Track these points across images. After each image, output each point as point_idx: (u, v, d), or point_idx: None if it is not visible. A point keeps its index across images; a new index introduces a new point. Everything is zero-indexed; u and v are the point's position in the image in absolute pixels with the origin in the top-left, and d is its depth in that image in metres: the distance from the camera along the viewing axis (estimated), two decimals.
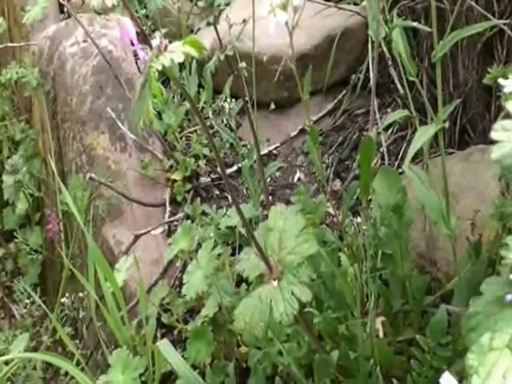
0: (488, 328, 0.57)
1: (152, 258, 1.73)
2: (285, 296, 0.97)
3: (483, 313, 0.58)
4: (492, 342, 0.56)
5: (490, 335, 0.57)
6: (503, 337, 0.56)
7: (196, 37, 0.94)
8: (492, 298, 0.58)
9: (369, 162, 1.15)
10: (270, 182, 1.89)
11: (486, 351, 0.56)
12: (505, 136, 0.45)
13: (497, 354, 0.55)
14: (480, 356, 0.56)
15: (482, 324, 0.58)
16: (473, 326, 0.58)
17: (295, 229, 1.06)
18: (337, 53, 1.99)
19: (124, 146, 1.90)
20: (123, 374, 1.25)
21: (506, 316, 0.56)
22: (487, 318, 0.58)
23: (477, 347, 0.57)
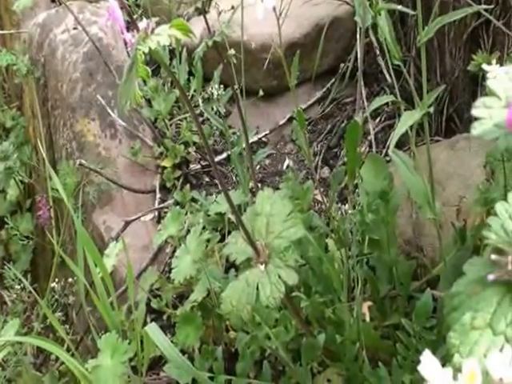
0: (470, 307, 0.57)
1: (142, 244, 1.72)
2: (271, 279, 0.96)
3: (465, 292, 0.58)
4: (474, 321, 0.56)
5: (471, 314, 0.56)
6: (485, 316, 0.55)
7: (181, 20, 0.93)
8: (474, 278, 0.58)
9: (355, 146, 1.15)
10: (260, 170, 1.88)
11: (467, 330, 0.56)
12: (486, 113, 0.45)
13: (478, 332, 0.55)
14: (462, 335, 0.56)
15: (464, 303, 0.57)
16: (455, 305, 0.58)
17: (282, 213, 1.05)
18: (325, 42, 1.98)
19: (114, 133, 1.88)
20: (112, 358, 1.24)
21: (488, 295, 0.56)
22: (469, 298, 0.57)
23: (459, 326, 0.56)
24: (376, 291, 1.33)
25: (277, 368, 1.33)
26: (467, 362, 0.48)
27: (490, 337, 0.54)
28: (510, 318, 0.54)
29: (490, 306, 0.56)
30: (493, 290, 0.56)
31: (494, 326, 0.55)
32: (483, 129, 0.43)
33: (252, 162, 1.32)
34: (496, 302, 0.56)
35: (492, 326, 0.55)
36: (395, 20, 1.88)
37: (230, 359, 1.36)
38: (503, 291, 0.56)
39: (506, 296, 0.55)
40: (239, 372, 1.24)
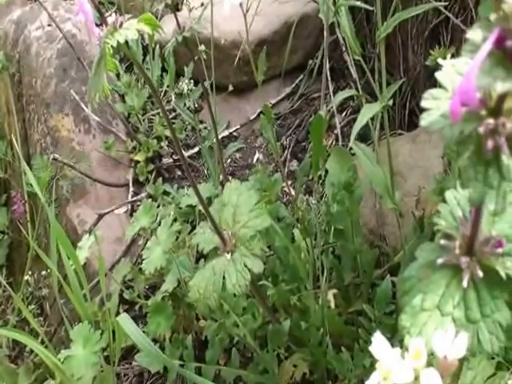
0: (420, 290, 0.57)
1: (115, 237, 1.71)
2: (237, 268, 0.96)
3: (416, 276, 0.58)
4: (423, 303, 0.56)
5: (421, 297, 0.57)
6: (434, 298, 0.56)
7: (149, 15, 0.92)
8: (425, 263, 0.58)
9: (320, 138, 1.15)
10: (231, 163, 1.88)
11: (417, 312, 0.56)
12: (433, 104, 0.45)
13: (427, 314, 0.56)
14: (412, 317, 0.56)
15: (415, 287, 0.58)
16: (407, 289, 0.58)
17: (249, 204, 1.05)
18: (294, 39, 1.98)
19: (88, 128, 1.85)
20: (84, 348, 1.23)
21: (437, 279, 0.57)
22: (420, 281, 0.58)
23: (409, 309, 0.57)
24: (341, 279, 1.34)
25: (246, 355, 1.34)
26: (413, 341, 0.49)
27: (438, 318, 0.55)
28: (457, 300, 0.55)
29: (439, 288, 0.56)
30: (441, 273, 0.57)
31: (442, 308, 0.55)
32: (430, 119, 0.44)
33: (222, 156, 1.32)
34: (444, 285, 0.56)
35: (440, 307, 0.55)
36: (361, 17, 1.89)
37: (201, 347, 1.35)
38: (451, 274, 0.56)
39: (454, 279, 0.56)
40: (208, 359, 1.24)
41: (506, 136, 0.41)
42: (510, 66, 0.37)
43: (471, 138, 0.42)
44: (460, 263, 0.55)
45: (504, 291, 0.54)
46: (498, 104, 0.41)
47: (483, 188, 0.41)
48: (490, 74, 0.37)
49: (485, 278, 0.55)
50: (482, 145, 0.41)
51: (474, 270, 0.55)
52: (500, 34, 0.37)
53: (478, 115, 0.42)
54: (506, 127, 0.41)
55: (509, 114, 0.42)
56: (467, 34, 0.39)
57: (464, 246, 0.56)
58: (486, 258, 0.55)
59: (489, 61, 0.38)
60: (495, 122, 0.41)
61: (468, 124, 0.42)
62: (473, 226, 0.54)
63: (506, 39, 0.37)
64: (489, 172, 0.42)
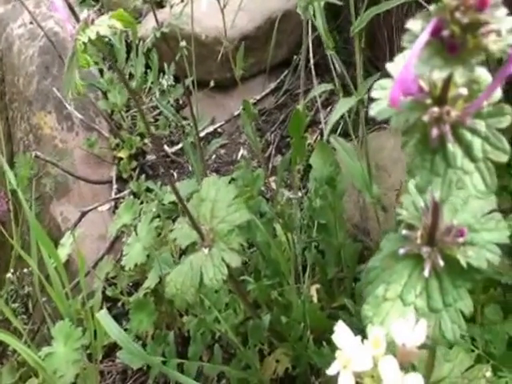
0: (383, 280, 0.58)
1: (99, 234, 1.71)
2: (215, 262, 0.97)
3: (380, 267, 0.59)
4: (386, 293, 0.57)
5: (384, 287, 0.58)
6: (396, 288, 0.57)
7: (121, 11, 0.93)
8: (388, 253, 0.59)
9: (299, 131, 1.16)
10: (215, 159, 1.88)
11: (380, 302, 0.57)
12: (382, 94, 0.46)
13: (390, 304, 0.57)
14: (375, 307, 0.57)
15: (378, 277, 0.59)
16: (371, 279, 0.59)
17: (227, 198, 1.06)
18: (278, 34, 1.98)
19: (71, 125, 1.86)
20: (65, 346, 1.23)
21: (399, 268, 0.58)
22: (383, 272, 0.59)
23: (372, 298, 0.58)
24: (324, 274, 1.35)
25: (229, 351, 1.35)
26: (372, 329, 0.50)
27: (401, 307, 0.56)
28: (420, 290, 0.56)
29: (402, 278, 0.57)
30: (404, 263, 0.58)
31: (404, 297, 0.56)
32: (378, 109, 0.45)
33: (202, 152, 1.33)
34: (407, 275, 0.57)
35: (402, 297, 0.56)
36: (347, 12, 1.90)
37: (184, 343, 1.36)
38: (413, 264, 0.57)
39: (416, 269, 0.57)
40: (191, 356, 1.25)
41: (450, 124, 0.42)
42: (447, 56, 0.38)
43: (417, 126, 0.43)
44: (421, 253, 0.56)
45: (466, 280, 0.56)
46: (442, 93, 0.42)
47: (430, 176, 0.42)
48: (428, 63, 0.38)
49: (447, 268, 0.56)
50: (428, 133, 0.42)
51: (436, 260, 0.56)
52: (437, 24, 0.38)
53: (423, 104, 0.43)
54: (451, 115, 0.42)
55: (454, 102, 0.43)
56: (407, 24, 0.40)
57: (425, 235, 0.57)
58: (448, 248, 0.56)
59: (427, 50, 0.39)
60: (440, 111, 0.42)
61: (414, 113, 0.43)
62: (433, 215, 0.55)
63: (443, 29, 0.38)
64: (435, 160, 0.43)
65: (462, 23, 0.38)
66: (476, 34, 0.38)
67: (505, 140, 0.42)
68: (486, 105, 0.43)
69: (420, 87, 0.43)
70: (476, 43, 0.39)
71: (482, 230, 0.57)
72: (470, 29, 0.38)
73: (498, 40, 0.39)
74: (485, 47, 0.39)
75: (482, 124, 0.43)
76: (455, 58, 0.39)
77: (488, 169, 0.42)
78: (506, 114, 0.42)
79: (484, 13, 0.38)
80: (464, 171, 0.42)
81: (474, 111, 0.42)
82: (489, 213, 0.58)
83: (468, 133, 0.43)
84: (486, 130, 0.42)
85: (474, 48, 0.39)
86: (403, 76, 0.38)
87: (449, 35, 0.39)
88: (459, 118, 0.42)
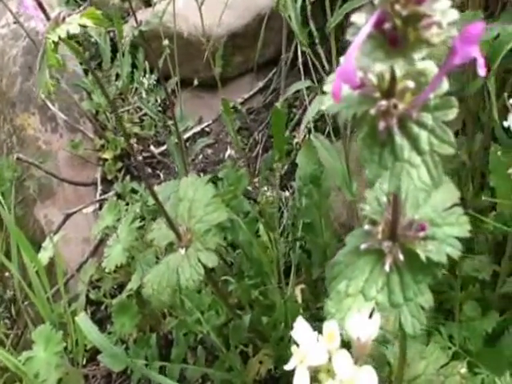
0: (346, 276, 0.59)
1: (83, 237, 1.72)
2: (191, 262, 0.98)
3: (344, 262, 0.60)
4: (348, 288, 0.58)
5: (346, 282, 0.59)
6: (358, 283, 0.58)
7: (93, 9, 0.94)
8: (351, 248, 0.60)
9: (280, 130, 1.17)
10: (202, 159, 1.89)
11: (342, 298, 0.58)
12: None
13: (352, 299, 0.58)
14: (337, 303, 0.58)
15: (341, 273, 0.60)
16: (334, 274, 0.60)
17: (205, 198, 1.07)
18: (266, 32, 1.99)
19: (55, 127, 1.87)
20: (46, 350, 1.24)
21: (361, 264, 0.59)
22: (347, 267, 0.60)
23: (335, 294, 0.59)
24: (309, 274, 1.36)
25: (213, 353, 1.35)
26: (326, 324, 0.51)
27: (362, 303, 0.57)
28: (381, 285, 0.57)
29: (363, 274, 0.58)
30: (366, 258, 0.59)
31: (366, 293, 0.57)
32: (329, 103, 0.45)
33: (183, 152, 1.34)
34: (368, 270, 0.58)
35: (364, 292, 0.57)
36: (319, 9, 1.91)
37: (167, 346, 1.37)
38: (375, 259, 0.58)
39: (378, 264, 0.58)
40: (174, 358, 1.26)
41: (397, 117, 0.43)
42: (389, 48, 0.39)
43: (365, 120, 0.44)
44: (382, 248, 0.57)
45: (427, 275, 0.56)
46: (390, 86, 0.43)
47: (378, 169, 0.43)
48: (369, 56, 0.39)
49: (408, 263, 0.57)
50: (376, 126, 0.43)
51: (396, 255, 0.57)
52: (380, 17, 0.39)
53: (372, 97, 0.44)
54: (398, 108, 0.43)
55: (402, 95, 0.44)
56: (351, 17, 0.41)
57: (387, 230, 0.58)
58: (409, 242, 0.57)
59: (370, 43, 0.40)
60: (387, 104, 0.43)
61: (362, 106, 0.44)
62: (393, 210, 0.56)
63: (385, 22, 0.39)
64: (384, 153, 0.43)
65: (402, 16, 0.39)
66: (417, 26, 0.39)
67: (451, 133, 0.43)
68: (433, 97, 0.44)
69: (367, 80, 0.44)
70: (417, 36, 0.40)
71: (444, 224, 0.57)
72: (411, 21, 0.39)
73: (440, 32, 0.40)
74: (426, 40, 0.40)
75: (429, 117, 0.43)
76: (396, 51, 0.40)
77: (434, 162, 0.43)
78: (452, 107, 0.43)
79: (423, 5, 0.39)
80: (411, 164, 0.43)
81: (421, 104, 0.43)
82: (450, 207, 0.58)
83: (415, 126, 0.44)
84: (432, 123, 0.43)
85: (416, 41, 0.40)
86: (344, 69, 0.39)
87: (391, 28, 0.39)
88: (406, 111, 0.43)
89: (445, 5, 0.40)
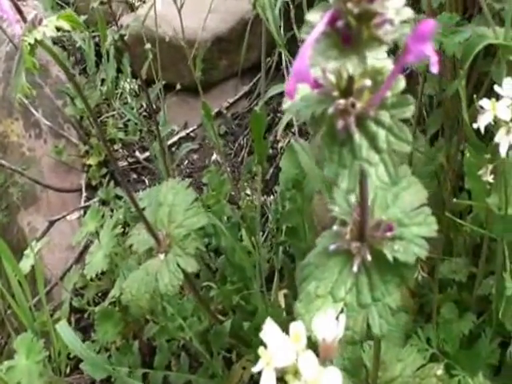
0: (316, 277, 0.59)
1: (68, 244, 1.72)
2: (170, 268, 0.98)
3: (314, 264, 0.61)
4: (317, 290, 0.59)
5: (316, 284, 0.59)
6: (327, 284, 0.58)
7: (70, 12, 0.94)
8: (321, 250, 0.61)
9: (260, 134, 1.18)
10: (187, 165, 1.89)
11: (312, 299, 0.58)
12: None
13: (321, 300, 0.58)
14: (307, 304, 0.59)
15: (312, 274, 0.60)
16: (305, 276, 0.60)
17: (185, 203, 1.07)
18: (251, 36, 2.00)
19: (39, 133, 1.87)
20: (27, 358, 1.24)
21: (331, 265, 0.59)
22: (317, 268, 0.60)
23: (304, 295, 0.59)
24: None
25: (198, 359, 1.35)
26: (293, 324, 0.51)
27: (331, 304, 0.57)
28: (349, 286, 0.57)
29: (332, 275, 0.58)
30: (335, 259, 0.59)
31: (335, 294, 0.58)
32: (290, 103, 0.46)
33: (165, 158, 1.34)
34: (337, 271, 0.59)
35: (333, 293, 0.58)
36: None
37: (151, 353, 1.37)
38: (344, 260, 0.59)
39: (347, 265, 0.58)
40: (156, 365, 1.26)
41: (355, 115, 0.43)
42: (342, 47, 0.40)
43: (324, 119, 0.44)
44: (351, 249, 0.58)
45: (395, 275, 0.57)
46: (348, 85, 0.44)
47: (337, 168, 0.44)
48: (323, 54, 0.40)
49: (376, 263, 0.57)
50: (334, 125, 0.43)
51: (365, 255, 0.57)
52: (333, 15, 0.40)
53: (330, 96, 0.44)
54: (356, 107, 0.43)
55: (360, 94, 0.44)
56: (306, 15, 0.41)
57: (355, 231, 0.58)
58: (377, 243, 0.57)
59: (324, 41, 0.40)
60: (345, 103, 0.43)
61: (320, 105, 0.44)
62: (361, 211, 0.56)
63: (339, 20, 0.39)
64: (343, 152, 0.44)
65: (355, 14, 0.39)
66: (370, 24, 0.40)
67: (407, 131, 0.43)
68: (391, 96, 0.44)
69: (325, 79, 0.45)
70: (370, 34, 0.40)
71: (412, 224, 0.58)
72: (364, 20, 0.40)
73: (392, 30, 0.40)
74: (379, 38, 0.40)
75: (387, 115, 0.44)
76: (350, 49, 0.40)
77: (392, 160, 0.43)
78: (409, 105, 0.44)
79: (375, 3, 0.39)
80: (369, 162, 0.44)
81: (379, 102, 0.44)
82: (418, 207, 0.59)
83: (373, 124, 0.44)
84: (390, 121, 0.44)
85: (369, 39, 0.40)
86: (298, 67, 0.40)
87: (344, 26, 0.40)
88: (364, 110, 0.44)
89: (398, 3, 0.41)
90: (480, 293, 1.02)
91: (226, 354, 1.23)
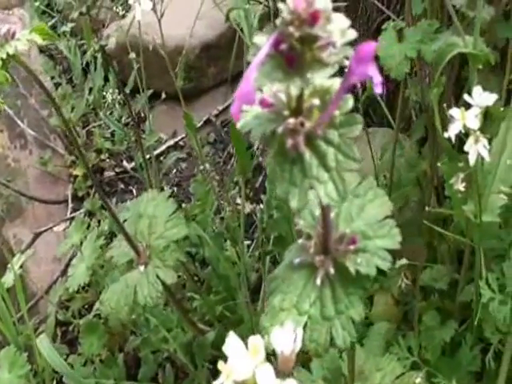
0: (282, 291, 0.61)
1: (54, 256, 1.73)
2: (150, 280, 1.00)
3: (280, 277, 0.62)
4: (282, 303, 0.60)
5: (281, 297, 0.61)
6: (292, 298, 0.60)
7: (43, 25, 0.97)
8: (288, 263, 0.63)
9: (241, 144, 1.20)
10: (176, 174, 1.92)
11: (277, 312, 0.60)
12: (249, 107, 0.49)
13: (286, 314, 0.60)
14: (272, 317, 0.60)
15: (278, 287, 0.62)
16: (272, 289, 0.62)
17: (165, 214, 1.09)
18: (240, 43, 2.02)
19: (24, 144, 1.89)
20: (10, 373, 1.25)
21: (296, 278, 0.61)
22: (283, 282, 0.62)
23: (270, 309, 0.61)
24: None
25: (185, 371, 1.37)
26: (251, 338, 0.53)
27: (296, 317, 0.59)
28: (314, 298, 0.59)
29: (297, 288, 0.60)
30: (300, 273, 0.61)
31: (299, 307, 0.59)
32: (244, 121, 0.48)
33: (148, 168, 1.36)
34: (302, 285, 0.60)
35: (297, 306, 0.60)
36: None
37: (137, 365, 1.38)
38: (308, 274, 0.61)
39: (311, 278, 0.60)
40: (141, 377, 1.28)
41: (305, 134, 0.45)
42: (287, 69, 0.42)
43: (274, 137, 0.46)
44: (314, 262, 0.60)
45: (358, 288, 0.59)
46: (297, 104, 0.46)
47: (288, 186, 0.46)
48: (269, 76, 0.42)
49: (340, 276, 0.59)
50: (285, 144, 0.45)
51: (328, 268, 0.59)
52: (278, 38, 0.42)
53: (281, 116, 0.46)
54: (305, 126, 0.45)
55: (309, 113, 0.46)
56: (254, 38, 0.44)
57: (319, 244, 0.60)
58: (340, 256, 0.59)
59: (270, 63, 0.42)
60: (294, 122, 0.45)
61: (271, 124, 0.46)
62: (323, 224, 0.58)
63: (283, 43, 0.42)
64: (293, 170, 0.46)
65: (297, 37, 0.41)
66: (312, 47, 0.42)
67: (355, 149, 0.45)
68: (339, 115, 0.46)
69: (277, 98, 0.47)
70: (313, 56, 0.42)
71: (375, 236, 0.60)
72: (306, 43, 0.42)
73: (334, 52, 0.42)
74: (321, 60, 0.42)
75: (335, 134, 0.46)
76: (293, 71, 0.42)
77: (340, 177, 0.45)
78: (357, 123, 0.46)
79: (317, 27, 0.41)
80: (319, 180, 0.46)
81: (327, 121, 0.46)
82: (383, 220, 0.61)
83: (323, 143, 0.46)
84: (338, 140, 0.46)
85: (312, 61, 0.42)
86: (243, 89, 0.42)
87: (288, 49, 0.42)
88: (313, 129, 0.46)
89: (343, 24, 0.43)
90: (462, 299, 1.04)
91: (210, 365, 1.25)
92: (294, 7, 0.41)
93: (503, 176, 0.95)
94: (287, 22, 0.41)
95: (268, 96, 0.47)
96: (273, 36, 0.42)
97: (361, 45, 0.42)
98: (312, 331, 0.59)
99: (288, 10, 0.41)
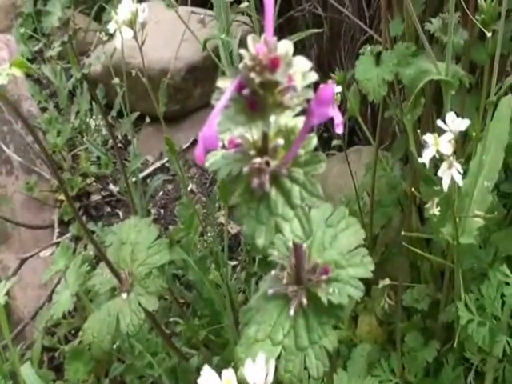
0: (256, 321, 0.62)
1: (40, 281, 1.74)
2: (132, 307, 1.01)
3: (255, 307, 0.64)
4: (257, 334, 0.61)
5: (256, 327, 0.62)
6: (266, 328, 0.61)
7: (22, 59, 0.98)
8: (262, 293, 0.64)
9: None
10: (162, 196, 1.93)
11: (251, 343, 0.61)
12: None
13: (260, 344, 0.61)
14: (247, 348, 0.61)
15: (253, 318, 0.63)
16: (246, 320, 0.63)
17: (147, 241, 1.10)
18: None
19: (10, 169, 1.89)
20: None
21: (270, 309, 0.62)
22: (257, 312, 0.63)
23: (245, 340, 0.62)
24: None
25: None
26: (225, 371, 0.54)
27: (270, 347, 0.60)
28: (287, 329, 0.61)
29: (271, 318, 0.62)
30: (274, 303, 0.62)
31: (273, 337, 0.61)
32: (212, 160, 0.49)
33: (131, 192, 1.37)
34: (276, 315, 0.62)
35: (271, 337, 0.61)
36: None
37: None
38: (282, 304, 0.62)
39: (285, 308, 0.61)
40: None
41: (270, 173, 0.47)
42: (249, 113, 0.43)
43: (241, 177, 0.47)
44: (287, 293, 0.61)
45: (331, 317, 0.60)
46: (263, 144, 0.47)
47: (255, 224, 0.47)
48: (232, 120, 0.43)
49: (313, 306, 0.60)
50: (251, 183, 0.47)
51: (301, 299, 0.60)
52: (240, 83, 0.43)
53: (247, 155, 0.48)
54: (270, 165, 0.47)
55: (275, 152, 0.48)
56: (217, 82, 0.45)
57: (292, 275, 0.61)
58: (313, 286, 0.61)
59: (234, 107, 0.44)
60: (260, 161, 0.47)
61: (237, 164, 0.47)
62: (296, 255, 0.60)
63: (245, 87, 0.43)
64: (260, 208, 0.47)
65: (258, 83, 0.43)
66: (274, 92, 0.44)
67: (319, 186, 0.47)
68: (304, 153, 0.48)
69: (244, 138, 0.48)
70: (275, 100, 0.44)
71: (348, 265, 0.61)
72: (268, 88, 0.43)
73: (296, 95, 0.44)
74: (283, 103, 0.44)
75: (300, 172, 0.47)
76: (256, 115, 0.44)
77: (305, 215, 0.47)
78: (320, 162, 0.47)
79: (277, 73, 0.43)
80: (284, 218, 0.47)
81: (292, 160, 0.47)
82: (355, 248, 0.62)
83: (288, 181, 0.48)
84: (303, 178, 0.47)
85: (274, 104, 0.44)
86: (206, 133, 0.43)
87: (250, 93, 0.44)
88: (278, 168, 0.47)
89: (305, 67, 0.45)
90: (444, 319, 1.05)
91: None
92: (256, 53, 0.42)
93: (480, 198, 0.97)
94: (249, 68, 0.43)
95: (235, 137, 0.48)
96: (235, 81, 0.44)
97: (321, 87, 0.44)
98: (286, 361, 0.60)
99: (249, 55, 0.42)
